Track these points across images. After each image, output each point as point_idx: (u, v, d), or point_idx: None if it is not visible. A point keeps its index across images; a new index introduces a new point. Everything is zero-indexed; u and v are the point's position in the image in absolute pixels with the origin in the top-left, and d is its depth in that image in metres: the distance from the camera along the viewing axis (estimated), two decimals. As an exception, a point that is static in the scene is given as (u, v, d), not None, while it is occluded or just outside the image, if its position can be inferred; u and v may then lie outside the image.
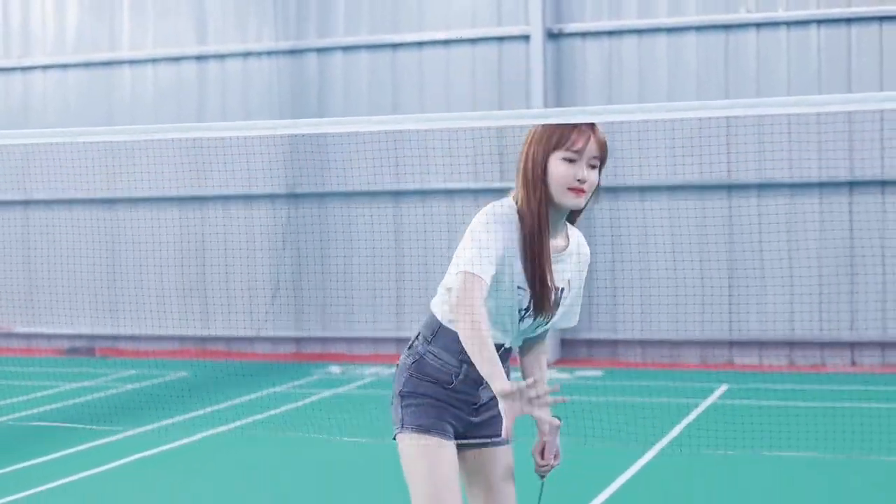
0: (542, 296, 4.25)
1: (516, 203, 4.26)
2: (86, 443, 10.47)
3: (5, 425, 11.75)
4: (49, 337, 18.61)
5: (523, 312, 4.27)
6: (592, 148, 4.18)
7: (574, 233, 4.44)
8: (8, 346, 18.66)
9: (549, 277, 4.24)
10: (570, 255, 4.37)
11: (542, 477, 4.49)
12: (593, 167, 4.21)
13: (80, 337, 18.43)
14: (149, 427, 11.27)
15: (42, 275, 18.35)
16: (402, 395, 4.40)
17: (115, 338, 18.35)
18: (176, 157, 16.96)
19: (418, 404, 4.37)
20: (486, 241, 4.13)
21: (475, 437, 4.45)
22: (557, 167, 4.18)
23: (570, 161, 4.16)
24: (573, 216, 4.42)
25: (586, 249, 4.47)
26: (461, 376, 4.36)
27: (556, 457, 4.44)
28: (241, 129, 13.61)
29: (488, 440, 4.47)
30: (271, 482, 9.10)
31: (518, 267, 4.23)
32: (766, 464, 9.54)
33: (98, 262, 17.96)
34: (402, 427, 4.37)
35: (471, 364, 4.22)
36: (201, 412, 12.18)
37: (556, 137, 4.17)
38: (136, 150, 16.55)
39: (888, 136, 15.05)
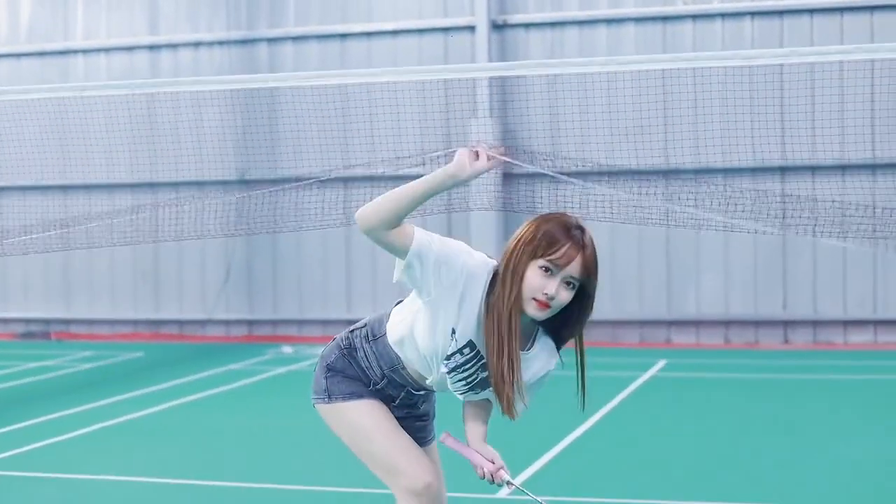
0: (499, 392, 4.11)
1: (496, 273, 4.10)
2: (48, 414, 10.81)
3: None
4: (5, 321, 18.87)
5: (448, 361, 4.15)
6: (574, 267, 4.00)
7: (543, 342, 4.30)
8: (-38, 331, 18.91)
9: (509, 374, 4.09)
10: (527, 359, 4.22)
11: (508, 484, 4.27)
12: (569, 285, 4.03)
13: (34, 321, 18.72)
14: (110, 400, 11.64)
15: (-4, 260, 18.60)
16: (329, 368, 4.38)
17: (69, 322, 18.65)
18: (129, 144, 17.27)
19: (346, 377, 4.35)
20: (445, 243, 4.07)
21: None
22: (532, 274, 3.99)
23: (547, 271, 3.99)
24: (559, 334, 4.30)
25: (550, 361, 4.34)
26: (380, 386, 4.34)
27: (493, 461, 4.26)
28: (191, 84, 13.94)
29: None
30: (233, 448, 9.48)
31: (466, 318, 4.10)
32: (701, 431, 10.06)
33: (52, 247, 18.20)
34: (330, 398, 4.35)
35: (390, 381, 4.33)
36: (160, 387, 12.56)
37: (543, 245, 3.99)
38: (90, 136, 16.78)
39: (819, 126, 15.60)
